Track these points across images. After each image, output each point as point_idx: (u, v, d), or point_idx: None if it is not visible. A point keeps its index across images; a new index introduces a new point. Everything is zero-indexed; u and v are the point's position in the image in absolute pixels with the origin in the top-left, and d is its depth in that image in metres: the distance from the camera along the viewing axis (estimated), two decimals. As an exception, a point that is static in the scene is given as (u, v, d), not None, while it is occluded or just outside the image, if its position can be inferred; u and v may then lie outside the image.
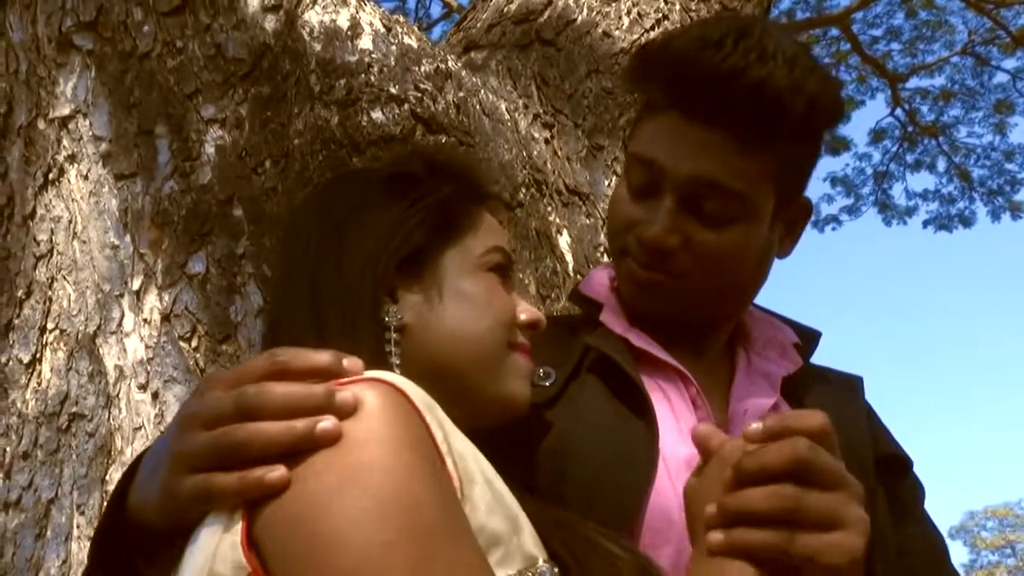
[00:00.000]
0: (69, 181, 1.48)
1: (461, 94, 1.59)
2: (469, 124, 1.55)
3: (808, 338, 1.05)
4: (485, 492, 0.62)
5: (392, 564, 0.52)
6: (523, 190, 1.59)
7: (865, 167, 8.30)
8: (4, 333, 1.47)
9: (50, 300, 1.42)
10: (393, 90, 1.48)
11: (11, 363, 1.42)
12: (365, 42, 1.55)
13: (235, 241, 1.37)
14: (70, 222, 1.45)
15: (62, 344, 1.38)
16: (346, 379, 0.61)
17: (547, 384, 0.92)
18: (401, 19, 1.66)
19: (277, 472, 0.55)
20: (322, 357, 0.61)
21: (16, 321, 1.44)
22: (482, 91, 1.67)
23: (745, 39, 0.85)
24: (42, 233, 1.47)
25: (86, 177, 1.46)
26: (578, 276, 1.58)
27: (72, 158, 1.48)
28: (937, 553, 1.00)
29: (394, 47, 1.56)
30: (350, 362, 0.61)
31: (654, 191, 0.91)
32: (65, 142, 1.49)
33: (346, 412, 0.57)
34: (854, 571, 0.63)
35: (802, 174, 0.96)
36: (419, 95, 1.50)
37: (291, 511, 0.55)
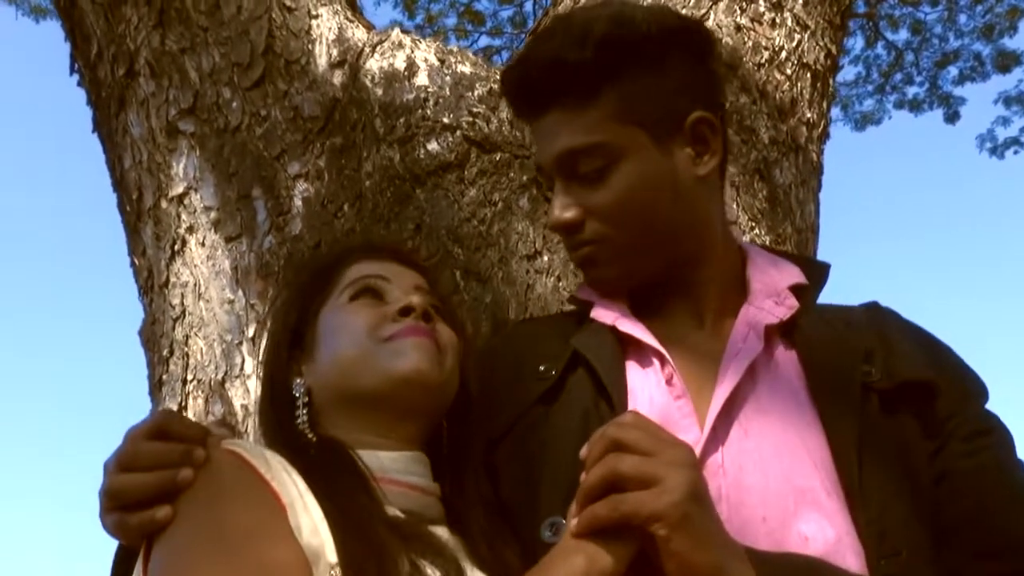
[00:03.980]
0: (190, 250, 1.69)
1: (515, 109, 1.67)
2: (523, 136, 1.63)
3: (816, 275, 1.05)
4: (305, 515, 0.75)
5: (218, 568, 0.69)
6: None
7: (1043, 79, 7.54)
8: (158, 388, 1.71)
9: (187, 355, 1.64)
10: (446, 119, 1.59)
11: (165, 413, 1.65)
12: (421, 78, 1.66)
13: (325, 282, 1.53)
14: (195, 285, 1.66)
15: (200, 392, 1.59)
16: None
17: (547, 378, 0.99)
18: (455, 49, 1.76)
19: (164, 510, 0.73)
20: (194, 427, 0.79)
21: (164, 376, 1.67)
22: (540, 101, 1.75)
23: (538, 41, 1.02)
24: (175, 298, 1.69)
25: (203, 244, 1.67)
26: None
27: (190, 229, 1.70)
28: (990, 470, 0.93)
29: (448, 77, 1.67)
30: (215, 436, 0.79)
31: (552, 188, 1.03)
32: (183, 216, 1.71)
33: (199, 465, 0.75)
34: (687, 529, 0.72)
35: (660, 99, 0.98)
36: (471, 119, 1.59)
37: (162, 543, 0.73)
